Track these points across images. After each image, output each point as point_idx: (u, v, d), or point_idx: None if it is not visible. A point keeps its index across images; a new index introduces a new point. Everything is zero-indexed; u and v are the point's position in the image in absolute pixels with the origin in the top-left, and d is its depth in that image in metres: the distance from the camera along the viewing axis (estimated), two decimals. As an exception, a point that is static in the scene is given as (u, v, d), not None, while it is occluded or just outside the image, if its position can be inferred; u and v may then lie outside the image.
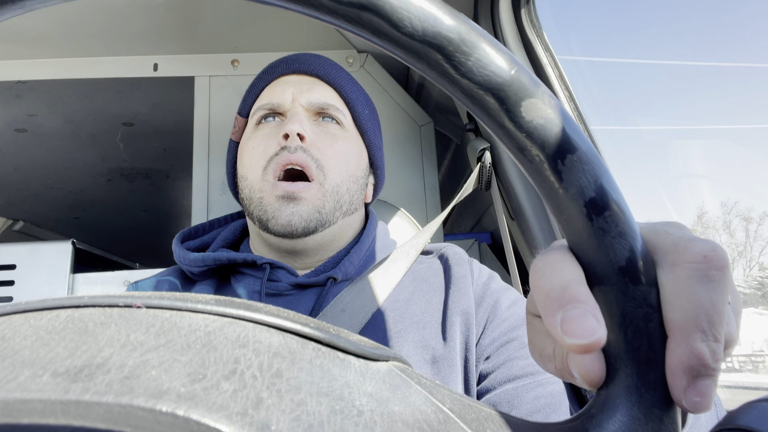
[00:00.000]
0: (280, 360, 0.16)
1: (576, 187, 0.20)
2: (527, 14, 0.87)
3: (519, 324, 0.60)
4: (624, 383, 0.21)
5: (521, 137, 0.20)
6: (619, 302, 0.21)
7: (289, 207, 0.62)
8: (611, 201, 0.20)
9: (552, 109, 0.20)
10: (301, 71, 0.69)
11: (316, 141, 0.65)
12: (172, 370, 0.14)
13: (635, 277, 0.21)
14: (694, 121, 30.13)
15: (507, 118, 0.20)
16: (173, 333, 0.16)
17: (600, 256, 0.21)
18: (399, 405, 0.17)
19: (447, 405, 0.19)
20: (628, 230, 0.21)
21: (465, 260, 0.67)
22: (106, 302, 0.17)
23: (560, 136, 0.20)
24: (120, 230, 2.41)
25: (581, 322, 0.20)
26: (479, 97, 0.20)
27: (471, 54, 0.19)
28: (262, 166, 0.64)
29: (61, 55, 1.16)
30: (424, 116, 1.18)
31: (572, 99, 0.85)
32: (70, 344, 0.15)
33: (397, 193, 1.12)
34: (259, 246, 0.69)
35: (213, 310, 0.18)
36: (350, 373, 0.17)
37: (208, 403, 0.13)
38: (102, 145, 1.56)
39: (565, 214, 0.21)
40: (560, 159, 0.20)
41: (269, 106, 0.67)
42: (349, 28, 0.20)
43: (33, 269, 1.09)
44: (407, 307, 0.62)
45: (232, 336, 0.16)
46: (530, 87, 0.20)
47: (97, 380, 0.13)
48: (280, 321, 0.18)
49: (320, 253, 0.67)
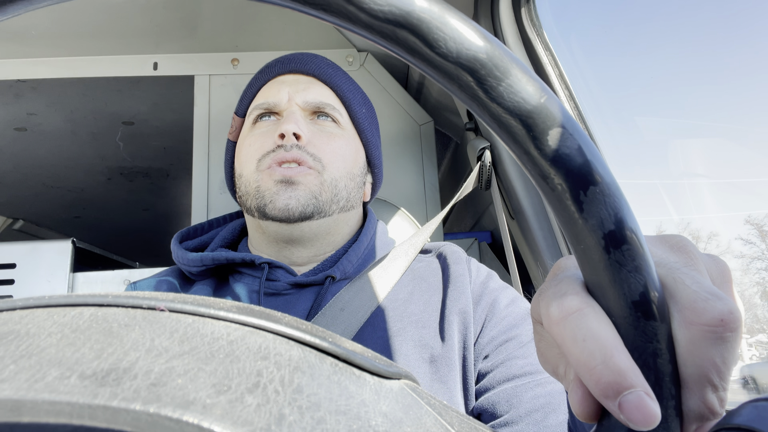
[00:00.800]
0: (301, 375, 0.16)
1: (596, 218, 0.20)
2: (527, 13, 0.87)
3: (517, 323, 0.60)
4: None
5: (545, 165, 0.20)
6: (629, 336, 0.21)
7: (287, 191, 0.62)
8: (630, 235, 0.21)
9: (579, 139, 0.20)
10: (297, 70, 0.69)
11: (313, 139, 0.65)
12: (197, 379, 0.14)
13: (648, 313, 0.21)
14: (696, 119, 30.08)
15: (533, 145, 0.20)
16: (197, 340, 0.16)
17: (614, 289, 0.21)
18: (411, 426, 0.17)
19: (455, 428, 0.19)
20: (644, 265, 0.21)
21: (463, 259, 0.67)
22: (129, 303, 0.17)
23: (584, 167, 0.20)
24: (120, 229, 2.41)
25: (642, 409, 0.20)
26: (507, 123, 0.20)
27: (503, 79, 0.19)
28: (257, 159, 0.65)
29: (60, 53, 1.16)
30: (424, 115, 1.18)
31: (572, 98, 0.85)
32: (95, 345, 0.15)
33: (397, 192, 1.12)
34: (257, 241, 0.69)
35: (235, 319, 0.18)
36: (366, 391, 0.17)
37: (233, 416, 0.13)
38: (102, 144, 1.56)
39: (582, 245, 0.21)
40: (582, 190, 0.20)
41: (265, 105, 0.68)
42: (384, 44, 0.19)
43: (33, 268, 1.09)
44: (406, 306, 0.62)
45: (254, 347, 0.16)
46: (558, 116, 0.20)
47: (125, 386, 0.13)
48: (300, 334, 0.18)
49: (316, 245, 0.67)
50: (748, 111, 27.90)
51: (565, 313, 0.22)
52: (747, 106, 31.34)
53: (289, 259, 0.68)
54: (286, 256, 0.67)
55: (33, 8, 0.20)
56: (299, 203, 0.62)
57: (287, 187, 0.62)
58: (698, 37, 44.71)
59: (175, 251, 0.69)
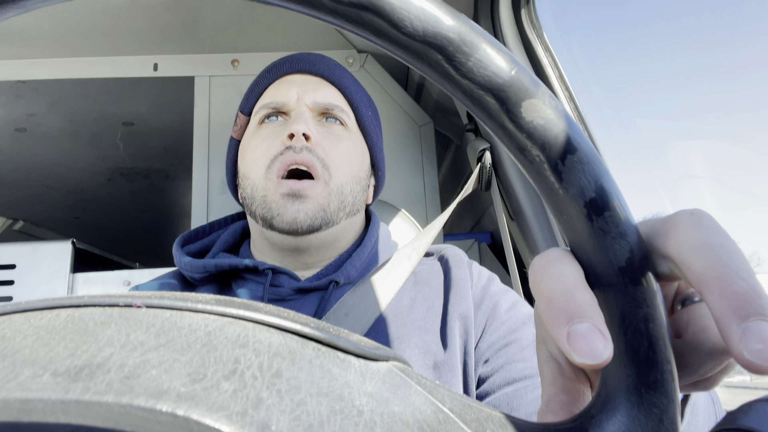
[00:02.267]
0: (280, 360, 0.16)
1: (576, 187, 0.20)
2: (527, 14, 0.87)
3: (518, 327, 0.60)
4: (624, 384, 0.21)
5: (521, 138, 0.20)
6: (619, 303, 0.21)
7: (294, 205, 0.61)
8: (611, 201, 0.20)
9: (552, 109, 0.20)
10: (306, 71, 0.69)
11: (321, 141, 0.65)
12: (172, 369, 0.14)
13: (635, 278, 0.21)
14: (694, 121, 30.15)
15: (507, 118, 0.20)
16: (173, 333, 0.16)
17: (600, 256, 0.21)
18: (399, 405, 0.17)
19: (447, 405, 0.19)
20: (628, 231, 0.21)
21: (464, 262, 0.67)
22: (106, 302, 0.17)
23: (560, 137, 0.20)
24: (120, 230, 2.41)
25: (589, 341, 0.19)
26: (479, 98, 0.20)
27: (471, 54, 0.19)
28: (265, 164, 0.64)
29: (61, 54, 1.16)
30: (423, 116, 1.18)
31: (572, 99, 0.85)
32: (70, 344, 0.15)
33: (397, 193, 1.12)
34: (261, 246, 0.69)
35: (213, 310, 0.18)
36: (350, 373, 0.17)
37: (208, 403, 0.13)
38: (102, 145, 1.56)
39: (565, 215, 0.21)
40: (560, 159, 0.20)
41: (273, 104, 0.67)
42: (350, 28, 0.20)
43: (33, 269, 1.09)
44: (410, 311, 0.62)
45: (232, 336, 0.16)
46: (530, 87, 0.20)
47: (98, 380, 0.13)
48: (280, 321, 0.18)
49: (322, 253, 0.67)
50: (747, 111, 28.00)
51: (543, 261, 0.22)
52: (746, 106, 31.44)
53: (293, 265, 0.67)
54: (291, 262, 0.67)
55: (33, 8, 0.20)
56: (308, 216, 0.61)
57: (294, 200, 0.61)
58: (698, 37, 44.94)
59: (177, 257, 0.68)
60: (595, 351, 0.19)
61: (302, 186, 0.61)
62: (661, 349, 0.21)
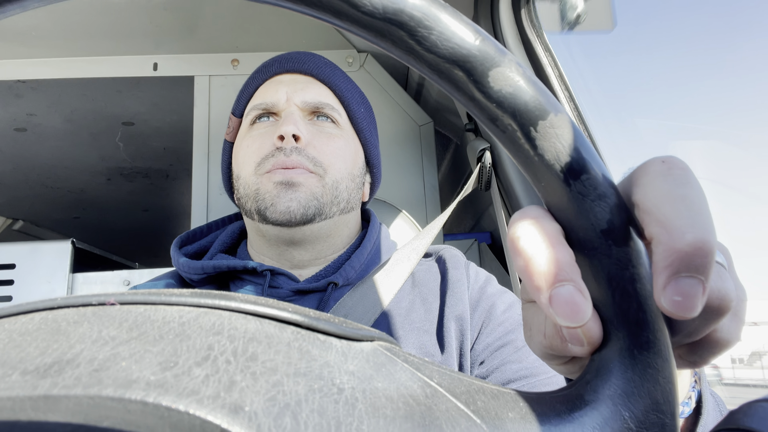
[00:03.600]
0: (256, 344, 0.16)
1: (551, 153, 0.20)
2: (527, 14, 0.87)
3: (514, 328, 0.60)
4: (616, 346, 0.21)
5: (492, 108, 0.20)
6: (604, 266, 0.21)
7: (287, 193, 0.61)
8: (588, 164, 0.20)
9: (520, 76, 0.20)
10: (295, 70, 0.69)
11: (312, 140, 0.65)
12: (142, 360, 0.14)
13: (618, 239, 0.21)
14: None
15: (476, 89, 0.20)
16: (146, 326, 0.16)
17: (581, 220, 0.21)
18: (383, 382, 0.17)
19: (435, 380, 0.19)
20: (607, 192, 0.21)
21: (462, 264, 0.67)
22: (79, 302, 0.17)
23: (531, 104, 0.20)
24: (120, 230, 2.41)
25: (571, 303, 0.20)
26: (446, 71, 0.20)
27: (433, 28, 0.19)
28: (255, 162, 0.64)
29: (60, 54, 1.16)
30: (423, 116, 1.18)
31: (572, 99, 0.85)
32: (41, 344, 0.15)
33: (396, 193, 1.12)
34: (257, 244, 0.69)
35: (187, 302, 0.17)
36: (331, 354, 0.17)
37: (178, 389, 0.13)
38: (102, 145, 1.56)
39: (543, 182, 0.21)
40: (532, 126, 0.20)
41: (263, 105, 0.67)
42: (311, 13, 0.19)
43: (32, 269, 1.09)
44: (408, 313, 0.62)
45: (206, 325, 0.16)
46: (496, 56, 0.20)
47: (66, 375, 0.13)
48: (257, 307, 0.18)
49: (317, 248, 0.67)
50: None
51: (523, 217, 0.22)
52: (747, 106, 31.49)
53: (290, 262, 0.67)
54: (288, 259, 0.67)
55: (32, 7, 0.20)
56: (300, 204, 0.61)
57: (288, 188, 0.61)
58: (697, 37, 44.97)
59: (175, 258, 0.68)
60: (577, 314, 0.20)
61: (295, 173, 0.61)
62: (651, 309, 0.21)
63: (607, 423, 0.20)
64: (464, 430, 0.17)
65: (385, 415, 0.16)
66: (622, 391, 0.20)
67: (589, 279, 0.22)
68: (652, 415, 0.20)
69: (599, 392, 0.20)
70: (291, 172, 0.62)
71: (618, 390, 0.20)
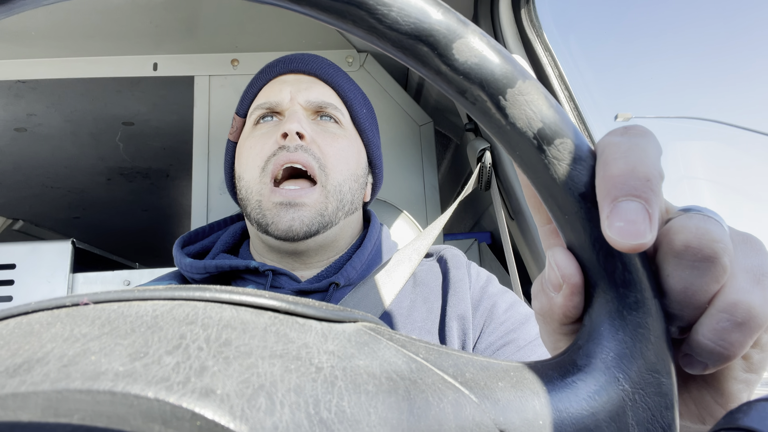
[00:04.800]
0: (231, 331, 0.16)
1: (522, 120, 0.20)
2: (527, 14, 0.87)
3: (515, 327, 0.60)
4: (605, 309, 0.21)
5: (459, 80, 0.20)
6: (585, 228, 0.21)
7: (288, 213, 0.61)
8: (560, 128, 0.20)
9: (484, 46, 0.20)
10: (299, 70, 0.69)
11: (316, 139, 0.64)
12: (112, 353, 0.14)
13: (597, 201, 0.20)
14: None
15: (441, 62, 0.20)
16: (119, 322, 0.16)
17: (559, 185, 0.21)
18: (365, 359, 0.17)
19: (421, 356, 0.18)
20: (582, 155, 0.20)
21: (463, 263, 0.67)
22: (53, 305, 0.17)
23: (497, 72, 0.20)
24: (120, 230, 2.41)
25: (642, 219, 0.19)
26: (411, 47, 0.20)
27: (392, 5, 0.19)
28: (259, 166, 0.64)
29: (60, 54, 1.16)
30: (423, 116, 1.18)
31: (572, 99, 0.85)
32: (13, 346, 0.15)
33: (396, 193, 1.12)
34: (259, 248, 0.69)
35: (161, 296, 0.17)
36: (310, 336, 0.17)
37: (147, 377, 0.13)
38: (102, 145, 1.56)
39: (517, 151, 0.21)
40: (501, 95, 0.20)
41: (267, 105, 0.67)
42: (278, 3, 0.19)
43: (33, 269, 1.09)
44: (410, 313, 0.62)
45: (180, 316, 0.16)
46: (458, 28, 0.20)
47: (35, 372, 0.13)
48: (232, 296, 0.18)
49: (321, 254, 0.67)
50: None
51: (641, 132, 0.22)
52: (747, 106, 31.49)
53: (292, 266, 0.67)
54: (289, 263, 0.67)
55: (32, 7, 0.20)
56: (303, 224, 0.61)
57: (289, 209, 0.61)
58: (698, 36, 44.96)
59: (177, 258, 0.68)
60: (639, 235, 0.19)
61: (297, 195, 0.61)
62: (636, 268, 0.20)
63: (602, 387, 0.19)
64: (452, 401, 0.17)
65: (367, 390, 0.15)
66: (615, 354, 0.20)
67: (573, 244, 0.22)
68: (647, 374, 0.20)
69: (591, 356, 0.20)
70: (293, 193, 0.61)
71: (610, 353, 0.20)
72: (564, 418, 0.18)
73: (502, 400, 0.18)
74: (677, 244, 0.20)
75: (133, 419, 0.12)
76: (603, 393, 0.19)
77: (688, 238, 0.20)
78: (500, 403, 0.18)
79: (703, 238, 0.20)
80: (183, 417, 0.13)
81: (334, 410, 0.14)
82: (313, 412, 0.14)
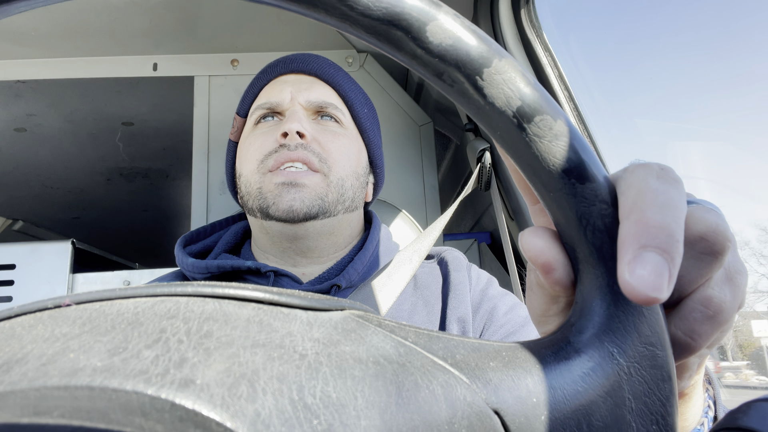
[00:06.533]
0: (212, 323, 0.16)
1: (501, 99, 0.20)
2: (527, 14, 0.87)
3: (516, 329, 0.60)
4: (596, 285, 0.21)
5: (435, 62, 0.20)
6: (571, 205, 0.21)
7: (290, 193, 0.61)
8: (540, 105, 0.20)
9: (458, 26, 0.20)
10: (300, 70, 0.69)
11: (318, 137, 0.65)
12: (91, 350, 0.14)
13: (581, 176, 0.20)
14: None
15: (416, 46, 0.19)
16: (100, 320, 0.16)
17: (542, 162, 0.20)
18: (351, 345, 0.17)
19: (410, 339, 0.18)
20: (562, 131, 0.20)
21: (464, 266, 0.67)
22: (36, 307, 0.17)
23: (472, 53, 0.20)
24: (119, 230, 2.41)
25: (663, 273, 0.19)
26: (385, 33, 0.19)
27: None
28: (258, 159, 0.64)
29: (60, 54, 1.16)
30: (423, 116, 1.18)
31: (572, 99, 0.85)
32: None
33: (396, 193, 1.12)
34: (261, 242, 0.69)
35: (143, 293, 0.17)
36: (294, 325, 0.17)
37: (125, 371, 0.13)
38: (101, 145, 1.56)
39: (498, 130, 0.21)
40: (478, 75, 0.20)
41: (268, 105, 0.67)
42: None
43: (33, 269, 1.09)
44: (410, 316, 0.62)
45: (161, 311, 0.16)
46: (431, 10, 0.19)
47: (14, 372, 0.13)
48: (216, 290, 0.18)
49: (320, 244, 0.67)
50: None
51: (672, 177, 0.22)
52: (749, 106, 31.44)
53: (293, 260, 0.67)
54: (290, 257, 0.67)
55: (32, 7, 0.20)
56: (304, 204, 0.61)
57: (291, 188, 0.61)
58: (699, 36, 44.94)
59: (179, 257, 0.68)
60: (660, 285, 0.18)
61: (299, 175, 0.61)
62: None
63: (596, 362, 0.19)
64: (442, 382, 0.17)
65: (353, 375, 0.15)
66: (607, 329, 0.20)
67: (560, 221, 0.22)
68: (641, 347, 0.20)
69: (584, 333, 0.20)
70: (294, 173, 0.61)
71: (603, 328, 0.20)
72: (558, 395, 0.18)
73: (494, 380, 0.18)
74: (694, 233, 0.21)
75: (113, 413, 0.12)
76: (597, 368, 0.19)
77: (706, 230, 0.21)
78: (492, 382, 0.18)
79: (720, 234, 0.21)
80: (162, 408, 0.13)
81: (319, 395, 0.14)
82: (297, 398, 0.14)
